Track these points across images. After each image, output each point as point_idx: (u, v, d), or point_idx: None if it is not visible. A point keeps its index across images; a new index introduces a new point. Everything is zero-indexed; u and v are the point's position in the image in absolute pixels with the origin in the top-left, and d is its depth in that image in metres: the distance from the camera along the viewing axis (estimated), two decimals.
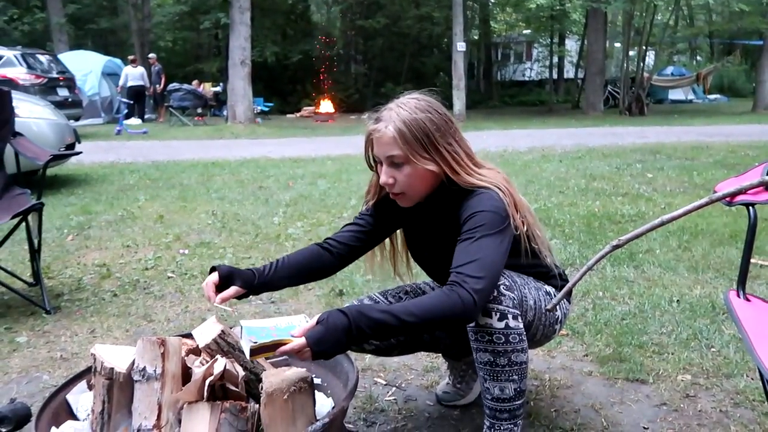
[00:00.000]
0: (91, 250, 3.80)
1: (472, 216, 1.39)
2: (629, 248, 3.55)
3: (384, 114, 1.47)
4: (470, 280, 1.29)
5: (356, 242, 1.67)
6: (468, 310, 1.28)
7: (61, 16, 19.50)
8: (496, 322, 1.39)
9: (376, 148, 1.48)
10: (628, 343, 2.28)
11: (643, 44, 18.40)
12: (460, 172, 1.46)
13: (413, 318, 1.27)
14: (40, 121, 5.80)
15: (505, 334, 1.40)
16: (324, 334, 1.25)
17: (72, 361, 2.28)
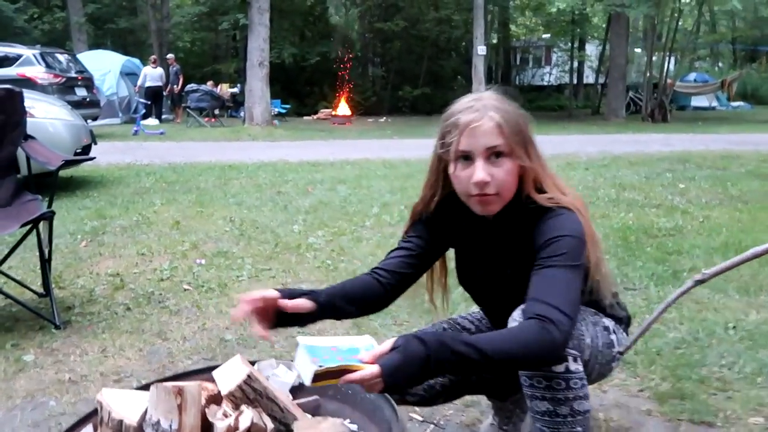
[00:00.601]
0: (104, 257, 3.65)
1: (554, 240, 1.22)
2: (672, 267, 3.34)
3: (475, 105, 1.29)
4: (562, 318, 1.13)
5: (407, 269, 1.45)
6: (558, 350, 1.14)
7: (81, 15, 19.56)
8: (555, 366, 1.20)
9: (469, 140, 1.26)
10: (687, 377, 2.07)
11: (666, 50, 18.05)
12: (545, 180, 1.31)
13: (500, 355, 1.11)
14: (56, 122, 5.69)
15: (565, 379, 1.21)
16: (400, 364, 1.08)
17: (81, 384, 2.11)
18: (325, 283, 3.14)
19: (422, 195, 1.44)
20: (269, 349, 2.36)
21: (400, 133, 13.88)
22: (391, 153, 8.97)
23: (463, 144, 1.27)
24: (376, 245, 3.86)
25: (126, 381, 2.14)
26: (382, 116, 19.84)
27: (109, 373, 2.20)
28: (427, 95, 22.07)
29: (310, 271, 3.36)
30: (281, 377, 1.50)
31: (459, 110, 1.30)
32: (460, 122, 1.27)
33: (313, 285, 3.13)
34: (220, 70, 21.86)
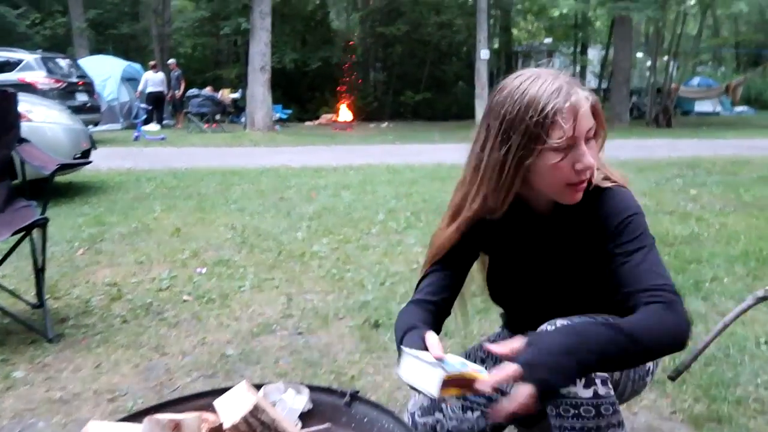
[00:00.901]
0: (101, 266, 3.51)
1: (627, 221, 1.13)
2: (694, 276, 3.20)
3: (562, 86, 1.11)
4: (675, 296, 1.05)
5: (449, 292, 1.31)
6: (689, 330, 1.05)
7: (83, 20, 19.48)
8: (581, 390, 1.06)
9: (580, 123, 1.11)
10: (722, 397, 1.93)
11: (671, 54, 17.95)
12: (601, 157, 1.20)
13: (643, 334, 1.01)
14: (55, 126, 5.56)
15: (594, 405, 1.07)
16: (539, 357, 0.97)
17: (72, 404, 1.98)
18: (331, 294, 3.01)
19: (478, 206, 1.20)
20: (273, 366, 2.23)
21: (403, 138, 13.76)
22: (395, 158, 8.85)
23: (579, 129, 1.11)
24: (383, 253, 3.73)
25: (121, 400, 2.00)
26: (383, 121, 19.73)
27: (103, 390, 2.06)
28: (428, 100, 21.97)
29: (315, 280, 3.23)
30: (290, 403, 1.36)
31: (546, 96, 1.10)
32: (565, 107, 1.09)
33: (318, 295, 3.00)
34: (222, 76, 21.77)
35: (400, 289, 3.02)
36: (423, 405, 1.34)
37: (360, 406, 1.39)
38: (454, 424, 1.32)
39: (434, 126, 17.37)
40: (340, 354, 2.33)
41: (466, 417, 1.33)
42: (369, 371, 2.18)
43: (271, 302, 2.90)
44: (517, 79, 1.15)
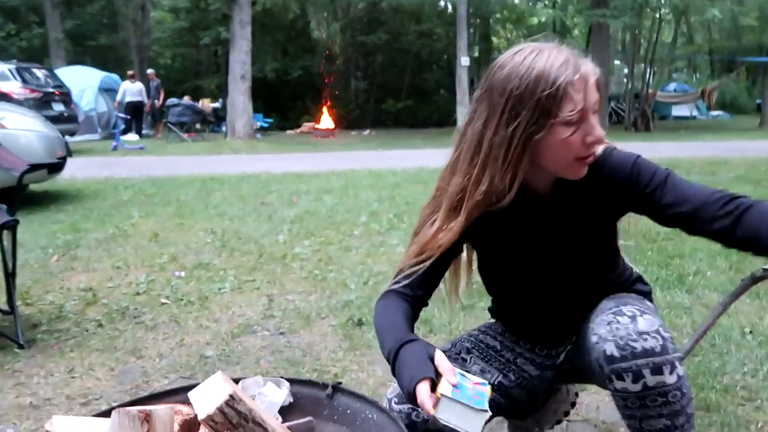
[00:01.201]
0: (77, 272, 3.42)
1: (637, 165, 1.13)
2: (677, 270, 3.20)
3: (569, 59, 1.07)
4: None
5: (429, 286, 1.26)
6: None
7: (60, 32, 19.26)
8: (668, 377, 1.04)
9: (590, 95, 1.07)
10: (709, 386, 1.91)
11: (647, 60, 18.20)
12: None
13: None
14: (29, 134, 5.45)
15: (678, 387, 1.05)
16: None
17: (43, 409, 1.90)
18: (313, 295, 2.95)
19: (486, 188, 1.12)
20: (254, 366, 2.16)
21: (385, 145, 13.75)
22: (377, 164, 8.81)
23: (589, 101, 1.07)
24: (365, 254, 3.68)
25: (94, 404, 1.93)
26: (365, 129, 19.73)
27: (76, 395, 1.99)
28: (410, 108, 22.02)
29: (296, 281, 3.17)
30: (269, 396, 1.31)
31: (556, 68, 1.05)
32: (575, 79, 1.05)
33: (300, 296, 2.94)
34: (202, 86, 21.62)
35: (383, 287, 2.95)
36: (400, 392, 1.29)
37: (342, 398, 1.34)
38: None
39: (416, 133, 17.39)
40: (323, 352, 2.27)
41: None
42: (353, 368, 2.13)
43: (252, 303, 2.84)
44: (517, 55, 1.09)
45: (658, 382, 1.04)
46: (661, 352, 1.03)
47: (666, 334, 1.06)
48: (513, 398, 1.36)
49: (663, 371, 1.03)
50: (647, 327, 1.05)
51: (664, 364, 1.03)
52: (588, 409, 1.82)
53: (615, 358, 1.05)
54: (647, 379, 1.03)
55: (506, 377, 1.34)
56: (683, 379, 1.06)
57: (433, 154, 11.03)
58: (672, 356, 1.04)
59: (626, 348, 1.04)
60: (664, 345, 1.04)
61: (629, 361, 1.04)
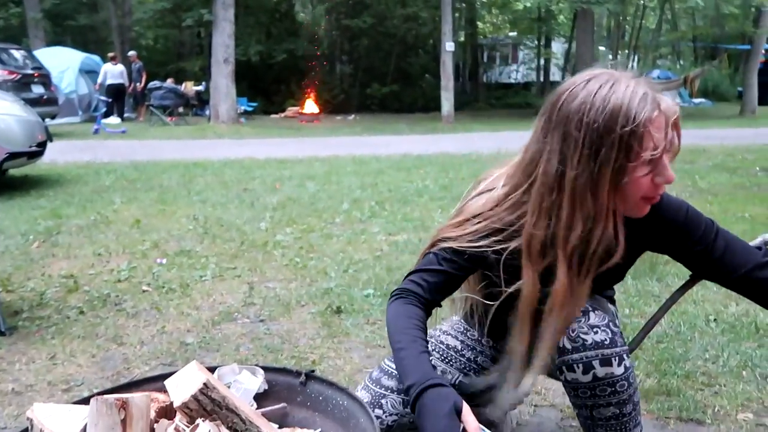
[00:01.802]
0: (58, 258, 3.44)
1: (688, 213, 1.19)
2: (649, 259, 3.26)
3: (647, 93, 1.01)
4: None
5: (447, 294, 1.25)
6: None
7: (38, 11, 18.86)
8: (616, 368, 1.11)
9: (675, 136, 1.05)
10: (671, 372, 1.99)
11: (631, 47, 18.30)
12: None
13: None
14: (8, 118, 5.39)
15: (626, 377, 1.12)
16: None
17: (25, 395, 1.94)
18: (293, 282, 3.00)
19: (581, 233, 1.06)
20: (234, 353, 2.21)
21: (370, 130, 13.75)
22: (361, 150, 8.83)
23: (668, 140, 1.02)
24: (346, 242, 3.73)
25: (76, 390, 1.97)
26: (350, 114, 19.67)
27: (58, 381, 2.02)
28: (395, 93, 21.97)
29: (277, 269, 3.21)
30: (244, 384, 1.36)
31: (637, 103, 0.99)
32: (654, 116, 0.99)
33: (281, 283, 2.98)
34: (185, 68, 21.38)
35: (363, 276, 3.03)
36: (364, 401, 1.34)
37: (315, 386, 1.39)
38: (394, 419, 1.31)
39: (401, 118, 17.38)
40: (302, 339, 2.33)
41: (406, 411, 1.32)
42: (330, 355, 2.18)
43: (233, 291, 2.88)
44: (591, 84, 1.02)
45: (607, 373, 1.10)
46: (610, 345, 1.10)
47: (615, 328, 1.13)
48: (474, 395, 1.42)
49: (612, 363, 1.10)
50: (598, 321, 1.12)
51: (612, 356, 1.10)
52: (555, 394, 1.90)
53: (567, 350, 1.12)
54: (597, 370, 1.10)
55: (467, 376, 1.40)
56: (630, 371, 1.13)
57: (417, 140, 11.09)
58: (620, 349, 1.11)
59: (577, 340, 1.11)
60: (613, 338, 1.11)
61: (580, 353, 1.10)
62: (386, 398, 1.31)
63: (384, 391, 1.32)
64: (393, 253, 3.49)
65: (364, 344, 2.28)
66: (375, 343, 2.28)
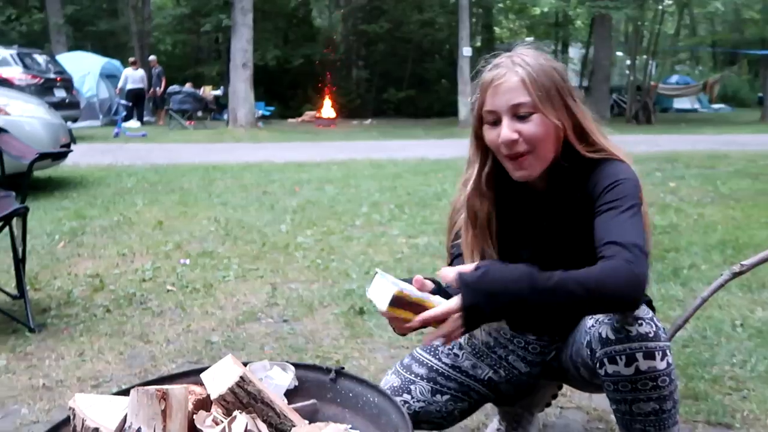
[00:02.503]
0: (83, 258, 3.49)
1: (614, 185, 1.15)
2: (673, 263, 3.26)
3: (503, 61, 1.21)
4: (637, 252, 1.04)
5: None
6: (641, 286, 1.03)
7: (60, 17, 19.20)
8: (659, 362, 1.10)
9: (493, 98, 1.18)
10: (699, 376, 1.98)
11: (649, 53, 18.18)
12: (590, 133, 1.21)
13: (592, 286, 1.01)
14: (33, 120, 5.49)
15: (668, 373, 1.12)
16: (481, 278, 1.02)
17: (56, 390, 1.97)
18: (315, 283, 3.02)
19: (464, 178, 1.31)
20: (259, 352, 2.23)
21: (386, 134, 13.78)
22: (378, 154, 8.86)
23: (488, 103, 1.19)
24: (366, 244, 3.74)
25: (105, 386, 2.00)
26: (366, 119, 19.74)
27: (87, 377, 2.05)
28: (411, 98, 22.01)
29: (299, 270, 3.23)
30: (276, 380, 1.37)
31: (486, 68, 1.22)
32: (484, 80, 1.20)
33: (303, 285, 3.00)
34: (203, 73, 21.59)
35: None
36: (393, 385, 1.35)
37: (345, 382, 1.40)
38: (421, 405, 1.33)
39: (417, 123, 17.43)
40: (325, 339, 2.34)
41: (434, 399, 1.34)
42: (354, 355, 2.20)
43: (256, 291, 2.90)
44: None
45: (650, 367, 1.10)
46: (654, 338, 1.10)
47: (659, 323, 1.13)
48: (501, 392, 1.42)
49: (655, 356, 1.10)
50: (642, 314, 1.12)
51: (656, 349, 1.10)
52: (581, 396, 1.89)
53: (610, 340, 1.12)
54: (640, 363, 1.10)
55: (496, 373, 1.40)
56: (672, 367, 1.13)
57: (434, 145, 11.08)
58: (664, 343, 1.11)
59: (621, 331, 1.11)
60: (656, 332, 1.11)
61: (623, 344, 1.10)
62: (415, 384, 1.32)
63: (414, 377, 1.33)
64: (414, 256, 3.50)
65: (387, 345, 2.29)
66: (398, 343, 2.28)
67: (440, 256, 3.43)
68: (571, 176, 1.22)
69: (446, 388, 1.36)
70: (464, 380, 1.37)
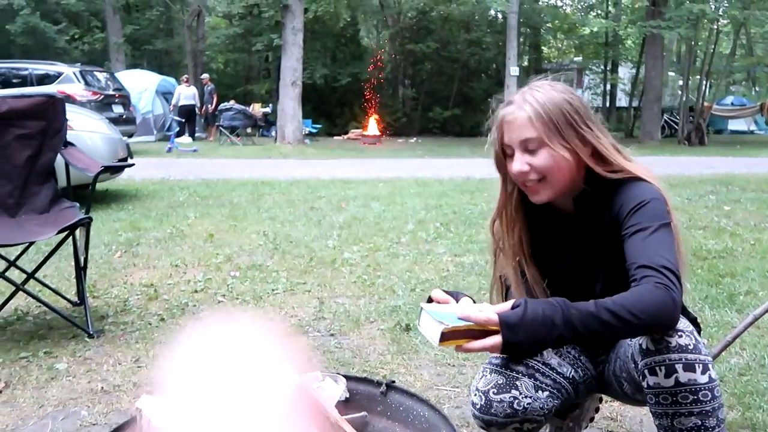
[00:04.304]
0: (138, 268, 3.61)
1: (639, 207, 1.19)
2: (728, 289, 3.17)
3: (516, 97, 1.31)
4: (670, 276, 1.08)
5: None
6: (676, 309, 1.08)
7: (120, 36, 20.05)
8: (700, 376, 1.11)
9: (507, 134, 1.29)
10: (756, 406, 1.91)
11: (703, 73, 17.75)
12: (609, 155, 1.27)
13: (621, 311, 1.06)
14: (94, 135, 5.73)
15: (710, 389, 1.12)
16: (521, 320, 1.07)
17: (113, 394, 2.04)
18: (362, 299, 3.05)
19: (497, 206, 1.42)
20: (306, 365, 2.26)
21: (431, 153, 13.82)
22: (424, 172, 8.89)
23: (505, 138, 1.30)
24: (412, 261, 3.76)
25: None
26: (412, 137, 19.82)
27: (143, 383, 2.12)
28: (457, 117, 22.01)
29: (346, 285, 3.27)
30: (327, 391, 1.40)
31: (501, 105, 1.33)
32: (500, 115, 1.31)
33: (350, 300, 3.04)
34: (252, 91, 22.14)
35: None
36: (498, 383, 1.31)
37: (395, 396, 1.42)
38: (528, 401, 1.32)
39: (463, 142, 17.40)
40: (372, 354, 2.36)
41: (537, 396, 1.33)
42: (400, 371, 2.21)
43: (304, 305, 2.95)
44: None
45: (690, 379, 1.10)
46: (693, 350, 1.11)
47: (699, 338, 1.14)
48: (579, 393, 1.42)
49: (695, 369, 1.10)
50: (682, 326, 1.13)
51: (696, 362, 1.10)
52: (632, 422, 1.85)
53: (650, 351, 1.13)
54: (680, 374, 1.10)
55: (576, 372, 1.41)
56: (715, 383, 1.12)
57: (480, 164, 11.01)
58: (704, 357, 1.12)
59: (661, 342, 1.12)
60: (696, 345, 1.12)
61: (663, 355, 1.11)
62: (520, 380, 1.32)
63: (516, 374, 1.32)
64: (459, 274, 3.49)
65: (433, 362, 2.29)
66: (444, 361, 2.29)
67: (486, 275, 3.41)
68: (597, 199, 1.29)
69: (545, 384, 1.36)
70: (555, 377, 1.37)
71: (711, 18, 16.29)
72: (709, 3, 15.75)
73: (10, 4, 18.81)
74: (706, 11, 15.11)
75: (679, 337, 1.12)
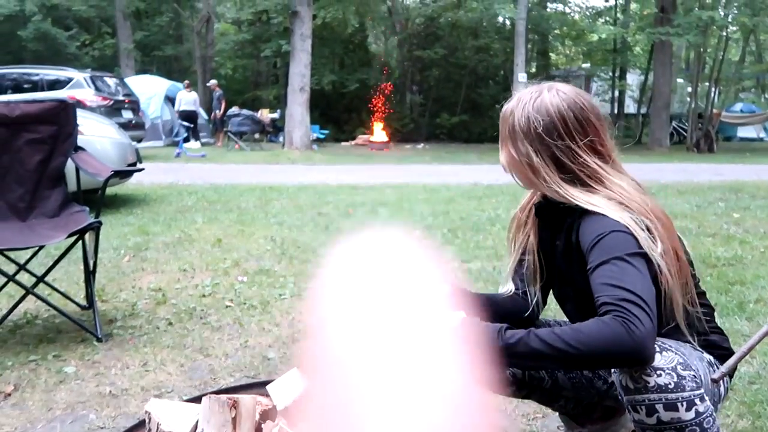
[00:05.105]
0: (147, 272, 3.63)
1: (597, 241, 1.16)
2: (738, 297, 3.14)
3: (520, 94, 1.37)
4: (628, 305, 1.03)
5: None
6: (635, 339, 1.00)
7: (130, 42, 20.21)
8: (684, 413, 1.08)
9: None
10: (766, 415, 1.90)
11: (712, 80, 17.68)
12: (551, 183, 1.24)
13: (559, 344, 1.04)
14: (104, 140, 5.77)
15: (698, 423, 1.09)
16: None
17: (121, 398, 2.05)
18: None
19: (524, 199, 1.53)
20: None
21: (439, 159, 13.82)
22: (431, 178, 8.89)
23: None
24: None
25: (167, 396, 2.06)
26: (419, 143, 19.83)
27: (150, 387, 2.13)
28: (465, 123, 22.01)
29: None
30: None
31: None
32: None
33: None
34: (261, 96, 22.23)
35: None
36: None
37: None
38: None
39: (470, 148, 17.40)
40: None
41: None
42: None
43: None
44: None
45: (673, 418, 1.07)
46: (675, 389, 1.06)
47: (685, 372, 1.09)
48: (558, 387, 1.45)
49: (677, 408, 1.06)
50: (663, 363, 1.09)
51: (678, 400, 1.06)
52: None
53: (630, 389, 1.10)
54: (661, 414, 1.07)
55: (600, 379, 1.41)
56: (704, 416, 1.08)
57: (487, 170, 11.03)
58: (689, 393, 1.07)
59: (639, 380, 1.09)
60: (678, 383, 1.07)
61: (642, 395, 1.08)
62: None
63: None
64: (467, 281, 3.49)
65: None
66: None
67: (493, 282, 3.42)
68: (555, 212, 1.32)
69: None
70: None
71: (720, 25, 16.24)
72: (718, 10, 15.72)
73: (22, 11, 19.02)
74: (715, 18, 15.07)
75: (657, 376, 1.08)
